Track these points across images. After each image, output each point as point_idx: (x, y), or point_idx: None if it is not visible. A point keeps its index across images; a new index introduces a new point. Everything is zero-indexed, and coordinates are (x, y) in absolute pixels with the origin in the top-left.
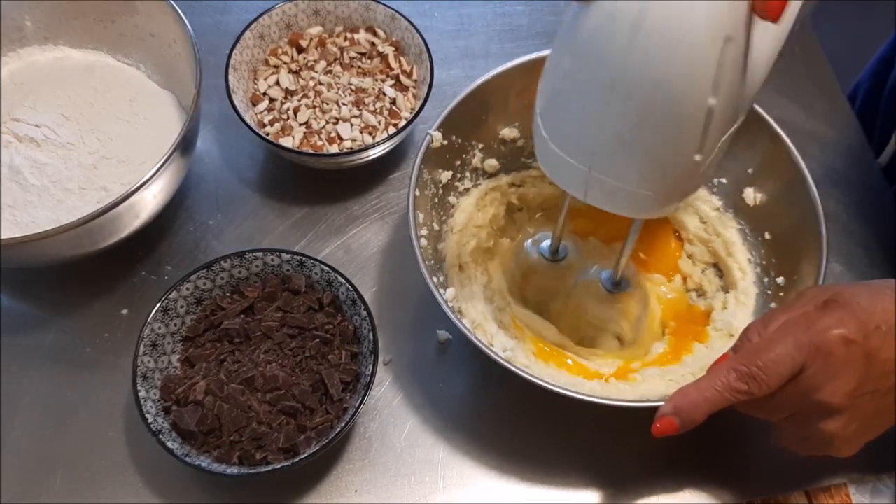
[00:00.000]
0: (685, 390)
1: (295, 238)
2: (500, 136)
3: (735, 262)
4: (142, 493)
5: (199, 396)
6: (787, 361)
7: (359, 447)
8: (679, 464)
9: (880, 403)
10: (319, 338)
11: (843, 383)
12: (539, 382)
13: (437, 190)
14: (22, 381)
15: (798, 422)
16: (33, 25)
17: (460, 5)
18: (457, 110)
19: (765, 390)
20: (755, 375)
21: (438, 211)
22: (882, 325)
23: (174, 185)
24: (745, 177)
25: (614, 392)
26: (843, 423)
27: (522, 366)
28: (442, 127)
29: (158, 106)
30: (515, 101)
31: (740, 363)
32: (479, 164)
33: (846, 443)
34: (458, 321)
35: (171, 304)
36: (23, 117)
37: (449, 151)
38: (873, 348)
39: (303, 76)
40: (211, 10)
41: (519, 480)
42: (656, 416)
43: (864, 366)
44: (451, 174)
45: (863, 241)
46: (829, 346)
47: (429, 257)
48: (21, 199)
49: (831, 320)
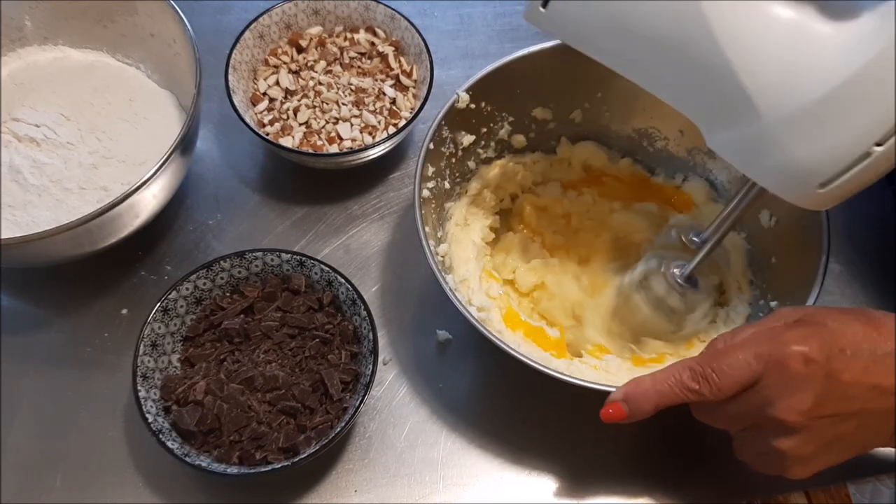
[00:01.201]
0: (639, 380)
1: (295, 238)
2: (532, 114)
3: (736, 280)
4: (142, 493)
5: (199, 396)
6: (744, 368)
7: (359, 447)
8: (679, 463)
9: (840, 428)
10: (319, 338)
11: (798, 400)
12: (542, 369)
13: (455, 150)
14: (22, 381)
15: (753, 436)
16: (33, 25)
17: (460, 5)
18: (490, 78)
19: (716, 393)
20: (708, 376)
21: (453, 171)
22: (847, 349)
23: (174, 185)
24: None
25: (617, 380)
26: (797, 443)
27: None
28: (471, 90)
29: (158, 106)
30: (550, 80)
31: (696, 362)
32: (506, 136)
33: (799, 463)
34: (459, 305)
35: (171, 304)
36: (23, 117)
37: (476, 116)
38: (835, 370)
39: (303, 76)
40: (211, 10)
41: (519, 479)
42: (606, 401)
43: (823, 385)
44: (473, 138)
45: (862, 241)
46: (788, 360)
47: (431, 212)
48: (21, 199)
49: (795, 336)
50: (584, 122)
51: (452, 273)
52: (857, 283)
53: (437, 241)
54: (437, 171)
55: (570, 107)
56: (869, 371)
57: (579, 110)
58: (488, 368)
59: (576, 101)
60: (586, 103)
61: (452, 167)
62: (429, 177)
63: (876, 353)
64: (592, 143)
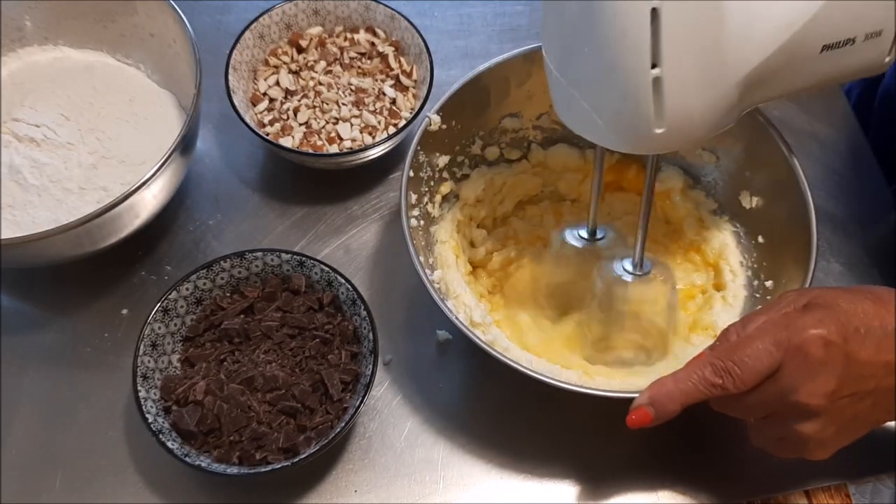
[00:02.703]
0: (661, 381)
1: (295, 238)
2: (501, 125)
3: (727, 264)
4: (142, 493)
5: (199, 396)
6: (765, 358)
7: (359, 447)
8: (679, 463)
9: (858, 407)
10: (319, 338)
11: (821, 384)
12: (539, 377)
13: (433, 173)
14: (22, 381)
15: (774, 422)
16: (33, 25)
17: (460, 5)
18: (457, 96)
19: (739, 386)
20: (730, 370)
21: (433, 193)
22: (861, 328)
23: (174, 185)
24: (743, 179)
25: (618, 386)
26: (820, 426)
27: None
28: (441, 111)
29: (158, 106)
30: (516, 91)
31: (717, 358)
32: (479, 151)
33: (821, 446)
34: (447, 309)
35: (171, 304)
36: (22, 117)
37: (448, 136)
38: (852, 350)
39: (303, 76)
40: (211, 10)
41: (519, 480)
42: (631, 407)
43: (843, 367)
44: (448, 159)
45: (862, 240)
46: (808, 345)
47: (420, 239)
48: (21, 199)
49: (811, 320)
50: (553, 125)
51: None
52: (856, 282)
53: (431, 269)
54: (418, 197)
55: (538, 112)
56: (881, 348)
57: (546, 115)
58: (488, 369)
59: (542, 105)
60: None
61: (432, 190)
62: (413, 204)
63: (886, 329)
64: (565, 145)
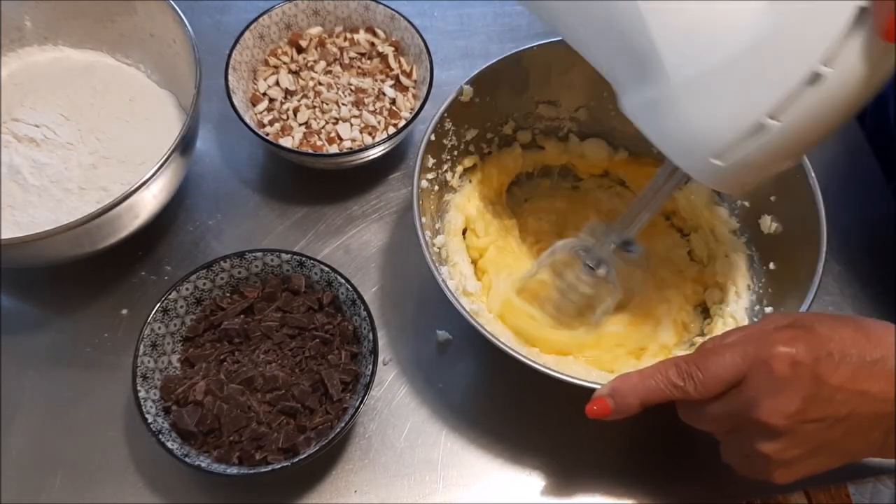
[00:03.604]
0: (626, 375)
1: (295, 238)
2: (537, 111)
3: (734, 285)
4: (142, 493)
5: (198, 396)
6: (730, 367)
7: (359, 447)
8: (680, 463)
9: (828, 434)
10: (319, 338)
11: (784, 402)
12: (541, 368)
13: (458, 143)
14: (22, 381)
15: (738, 438)
16: (33, 25)
17: (460, 5)
18: (493, 73)
19: (701, 391)
20: (693, 374)
21: (455, 164)
22: (836, 353)
23: (174, 185)
24: (766, 204)
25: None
26: (782, 446)
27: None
28: (474, 83)
29: (158, 106)
30: (558, 79)
31: (684, 360)
32: (511, 132)
33: (783, 467)
34: (455, 300)
35: (170, 304)
36: (22, 117)
37: (481, 111)
38: (822, 373)
39: (302, 76)
40: (211, 10)
41: (520, 480)
42: (592, 397)
43: (809, 388)
44: (476, 132)
45: (862, 240)
46: (774, 360)
47: (431, 204)
48: (21, 199)
49: (782, 337)
50: (588, 120)
51: (447, 264)
52: (857, 283)
53: (434, 233)
54: (437, 162)
55: (577, 104)
56: (857, 376)
57: (584, 108)
58: (488, 368)
59: (581, 97)
60: (592, 101)
61: (454, 160)
62: (429, 168)
63: (865, 358)
64: (599, 140)
